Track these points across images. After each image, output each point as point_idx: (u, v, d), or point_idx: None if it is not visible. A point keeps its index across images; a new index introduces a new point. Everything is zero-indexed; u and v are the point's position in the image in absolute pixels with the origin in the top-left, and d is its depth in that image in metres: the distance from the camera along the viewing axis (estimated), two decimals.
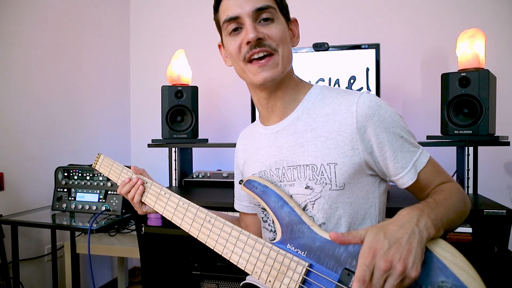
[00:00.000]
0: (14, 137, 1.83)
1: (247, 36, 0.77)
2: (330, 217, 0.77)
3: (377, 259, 0.61)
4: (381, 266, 0.60)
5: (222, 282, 1.62)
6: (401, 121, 0.79)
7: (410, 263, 0.60)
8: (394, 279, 0.60)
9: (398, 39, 2.09)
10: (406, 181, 0.78)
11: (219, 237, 0.83)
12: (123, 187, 0.97)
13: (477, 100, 1.43)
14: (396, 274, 0.60)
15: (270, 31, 0.79)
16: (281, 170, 0.83)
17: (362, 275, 0.61)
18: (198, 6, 2.45)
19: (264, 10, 0.78)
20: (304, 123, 0.83)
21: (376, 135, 0.76)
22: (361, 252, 0.64)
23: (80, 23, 2.24)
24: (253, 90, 0.88)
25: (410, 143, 0.78)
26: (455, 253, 0.64)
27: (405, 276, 0.60)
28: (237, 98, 2.33)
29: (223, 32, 0.85)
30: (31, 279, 1.88)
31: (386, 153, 0.77)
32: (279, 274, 0.74)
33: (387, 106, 0.78)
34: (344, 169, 0.76)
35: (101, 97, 2.41)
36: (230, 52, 0.84)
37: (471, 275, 0.61)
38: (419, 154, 0.79)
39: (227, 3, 0.80)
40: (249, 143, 0.96)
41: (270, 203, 0.80)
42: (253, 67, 0.80)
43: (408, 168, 0.77)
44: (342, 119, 0.78)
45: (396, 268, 0.60)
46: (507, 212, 1.24)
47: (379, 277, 0.60)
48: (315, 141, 0.79)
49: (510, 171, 1.94)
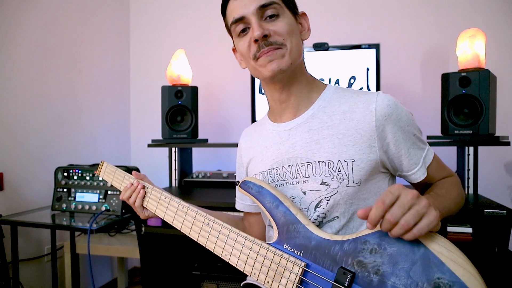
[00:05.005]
0: (14, 137, 1.83)
1: (253, 34, 0.79)
2: (344, 212, 0.79)
3: (403, 192, 0.61)
4: (407, 196, 0.61)
5: (222, 282, 1.62)
6: (414, 120, 0.83)
7: (431, 204, 0.61)
8: (419, 208, 0.60)
9: (398, 39, 2.09)
10: (419, 176, 0.82)
11: (218, 239, 0.83)
12: (125, 193, 0.98)
13: (477, 100, 1.43)
14: (422, 204, 0.60)
15: (275, 27, 0.80)
16: (294, 167, 0.83)
17: (384, 197, 0.61)
18: (198, 6, 2.45)
19: (269, 7, 0.80)
20: (319, 120, 0.84)
21: (393, 133, 0.79)
22: (384, 192, 0.63)
23: (80, 23, 2.24)
24: (266, 86, 0.90)
25: (420, 141, 0.83)
26: (451, 248, 0.63)
27: (426, 213, 0.60)
28: (237, 98, 2.33)
29: (233, 34, 0.86)
30: (30, 279, 1.88)
31: (402, 150, 0.80)
32: (276, 275, 0.74)
33: (402, 105, 0.82)
34: (361, 166, 0.78)
35: (101, 97, 2.41)
36: (241, 52, 0.86)
37: (468, 271, 0.60)
38: (427, 151, 0.84)
39: (232, 5, 0.83)
40: (256, 141, 0.96)
41: (266, 204, 0.80)
42: (262, 60, 0.81)
43: (420, 164, 0.82)
44: (360, 117, 0.80)
45: (421, 201, 0.61)
46: (507, 212, 1.24)
47: (405, 202, 0.60)
48: (331, 138, 0.80)
49: (510, 171, 1.94)
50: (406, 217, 0.60)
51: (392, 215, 0.60)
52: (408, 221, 0.60)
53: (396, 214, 0.60)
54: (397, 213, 0.60)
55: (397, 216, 0.60)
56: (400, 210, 0.60)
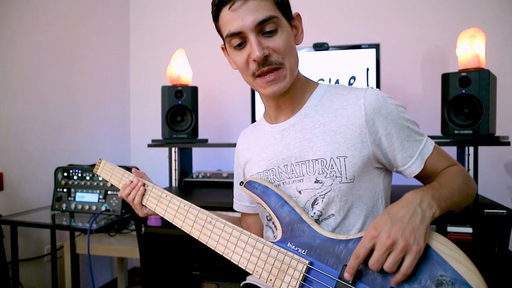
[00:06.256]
0: (14, 137, 1.83)
1: (253, 54, 0.76)
2: (340, 210, 0.79)
3: (380, 236, 0.65)
4: (383, 242, 0.64)
5: (222, 282, 1.62)
6: (406, 112, 0.82)
7: (412, 238, 0.63)
8: (395, 254, 0.63)
9: (398, 39, 2.09)
10: (414, 170, 0.81)
11: (220, 237, 0.84)
12: (124, 190, 0.97)
13: (478, 100, 1.43)
14: (398, 249, 0.63)
15: (274, 44, 0.78)
16: (289, 167, 0.83)
17: (358, 251, 0.66)
18: (198, 6, 2.45)
19: (267, 22, 0.76)
20: (312, 119, 0.84)
21: (384, 127, 0.78)
22: (366, 231, 0.67)
23: (80, 23, 2.24)
24: (262, 95, 0.90)
25: (415, 132, 0.81)
26: (453, 247, 0.66)
27: (407, 252, 0.63)
28: (237, 98, 2.33)
29: (227, 44, 0.84)
30: (30, 280, 1.87)
31: (394, 143, 0.79)
32: (280, 272, 0.75)
33: (393, 99, 0.81)
34: (354, 161, 0.78)
35: (101, 97, 2.41)
36: (237, 65, 0.84)
37: (469, 269, 0.63)
38: (425, 142, 0.82)
39: (228, 16, 0.78)
40: (252, 142, 0.96)
41: (271, 203, 0.80)
42: (262, 82, 0.80)
43: (415, 157, 0.80)
44: (350, 113, 0.79)
45: (398, 244, 0.63)
46: (508, 212, 1.24)
47: (381, 253, 0.64)
48: (323, 136, 0.80)
49: (510, 171, 1.94)
50: (386, 266, 0.64)
51: (373, 266, 0.65)
52: (391, 268, 0.64)
53: (376, 266, 0.65)
54: (377, 265, 0.65)
55: (378, 267, 0.65)
56: (379, 262, 0.64)
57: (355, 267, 0.66)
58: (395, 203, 0.71)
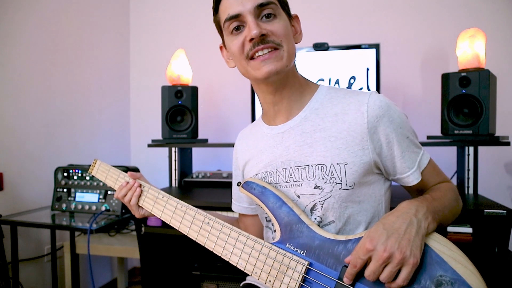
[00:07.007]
0: (14, 137, 1.83)
1: (250, 33, 0.75)
2: (339, 216, 0.78)
3: (376, 248, 0.65)
4: (380, 255, 0.64)
5: (222, 282, 1.62)
6: (408, 122, 0.81)
7: (408, 251, 0.63)
8: (392, 267, 0.64)
9: (398, 39, 2.09)
10: (412, 180, 0.80)
11: (218, 238, 0.83)
12: (120, 191, 0.96)
13: (477, 100, 1.43)
14: (395, 262, 0.63)
15: (273, 27, 0.77)
16: (288, 170, 0.82)
17: (355, 261, 0.66)
18: (198, 6, 2.45)
19: (266, 6, 0.77)
20: (312, 123, 0.82)
21: (386, 135, 0.77)
22: (360, 242, 0.67)
23: (80, 23, 2.24)
24: (258, 87, 0.87)
25: (414, 144, 0.81)
26: (452, 247, 0.66)
27: (403, 264, 0.63)
28: (237, 98, 2.33)
29: (224, 32, 0.83)
30: (30, 280, 1.87)
31: (395, 152, 0.78)
32: (279, 273, 0.74)
33: (395, 106, 0.80)
34: (354, 168, 0.76)
35: (101, 97, 2.41)
36: (232, 52, 0.82)
37: (468, 269, 0.63)
38: (421, 155, 0.82)
39: (227, 2, 0.79)
40: (251, 144, 0.95)
41: (269, 204, 0.80)
42: (256, 62, 0.78)
43: (414, 169, 0.80)
44: (352, 118, 0.78)
45: (394, 257, 0.63)
46: (508, 212, 1.24)
47: (378, 266, 0.64)
48: (324, 141, 0.79)
49: (510, 171, 1.94)
50: (382, 277, 0.65)
51: (369, 277, 0.66)
52: (387, 280, 0.64)
53: (372, 277, 0.65)
54: (374, 277, 0.65)
55: (374, 278, 0.65)
56: (375, 274, 0.65)
57: (353, 274, 0.67)
58: (390, 213, 0.70)
